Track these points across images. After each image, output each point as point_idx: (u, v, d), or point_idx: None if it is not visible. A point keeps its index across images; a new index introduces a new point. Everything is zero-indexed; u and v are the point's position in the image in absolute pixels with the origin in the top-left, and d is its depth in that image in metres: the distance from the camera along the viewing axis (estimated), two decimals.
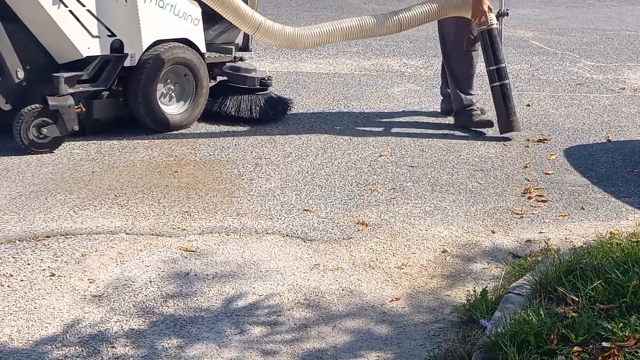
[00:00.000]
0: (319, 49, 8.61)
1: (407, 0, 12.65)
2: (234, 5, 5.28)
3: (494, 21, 5.67)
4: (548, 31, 10.26)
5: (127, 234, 3.93)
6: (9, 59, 4.86)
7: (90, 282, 3.42)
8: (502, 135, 5.71)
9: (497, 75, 5.68)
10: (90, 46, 5.11)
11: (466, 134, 5.88)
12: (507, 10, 5.91)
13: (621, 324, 2.72)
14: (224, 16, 5.40)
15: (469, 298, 3.31)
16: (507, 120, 5.69)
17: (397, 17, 5.73)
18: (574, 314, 2.86)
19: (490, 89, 5.78)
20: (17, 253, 3.66)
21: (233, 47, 6.07)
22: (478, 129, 5.88)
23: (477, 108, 5.98)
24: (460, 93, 5.95)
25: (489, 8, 5.63)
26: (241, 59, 6.13)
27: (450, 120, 6.17)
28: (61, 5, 4.92)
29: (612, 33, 10.59)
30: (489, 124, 5.87)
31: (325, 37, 5.70)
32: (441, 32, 6.06)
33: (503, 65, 5.69)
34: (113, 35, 5.20)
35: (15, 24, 4.92)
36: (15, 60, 4.89)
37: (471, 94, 5.96)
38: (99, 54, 5.17)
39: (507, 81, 5.71)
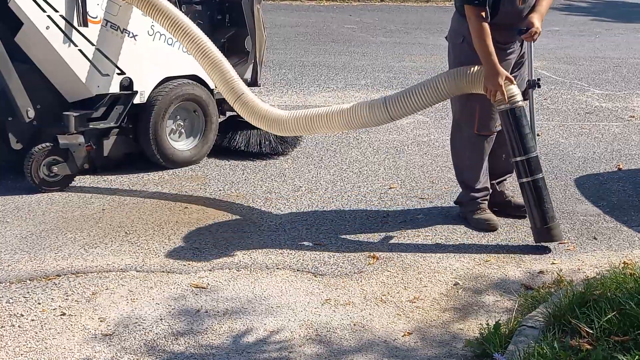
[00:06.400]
0: (327, 81, 8.67)
1: (414, 33, 12.88)
2: (223, 69, 4.86)
3: (518, 97, 4.24)
4: (556, 60, 10.28)
5: (137, 271, 3.92)
6: (19, 99, 4.90)
7: (101, 321, 3.41)
8: (538, 244, 4.32)
9: (526, 168, 4.22)
10: (100, 84, 5.15)
11: None
12: (539, 79, 4.43)
13: (637, 356, 2.70)
14: (209, 76, 5.03)
15: (482, 331, 3.28)
16: (542, 228, 4.24)
17: (385, 104, 4.42)
18: (588, 347, 2.84)
19: (519, 185, 4.34)
20: (28, 292, 3.65)
21: None
22: (476, 228, 4.57)
23: (484, 201, 4.66)
24: (464, 187, 4.71)
25: (508, 78, 4.21)
26: None
27: None
28: (71, 44, 4.96)
29: (620, 61, 10.61)
30: (491, 227, 4.55)
31: (308, 126, 4.68)
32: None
33: (534, 154, 4.23)
34: (122, 73, 5.23)
35: (25, 64, 4.97)
36: (26, 100, 4.93)
37: (478, 190, 4.63)
38: (109, 92, 5.20)
39: (540, 175, 4.23)
